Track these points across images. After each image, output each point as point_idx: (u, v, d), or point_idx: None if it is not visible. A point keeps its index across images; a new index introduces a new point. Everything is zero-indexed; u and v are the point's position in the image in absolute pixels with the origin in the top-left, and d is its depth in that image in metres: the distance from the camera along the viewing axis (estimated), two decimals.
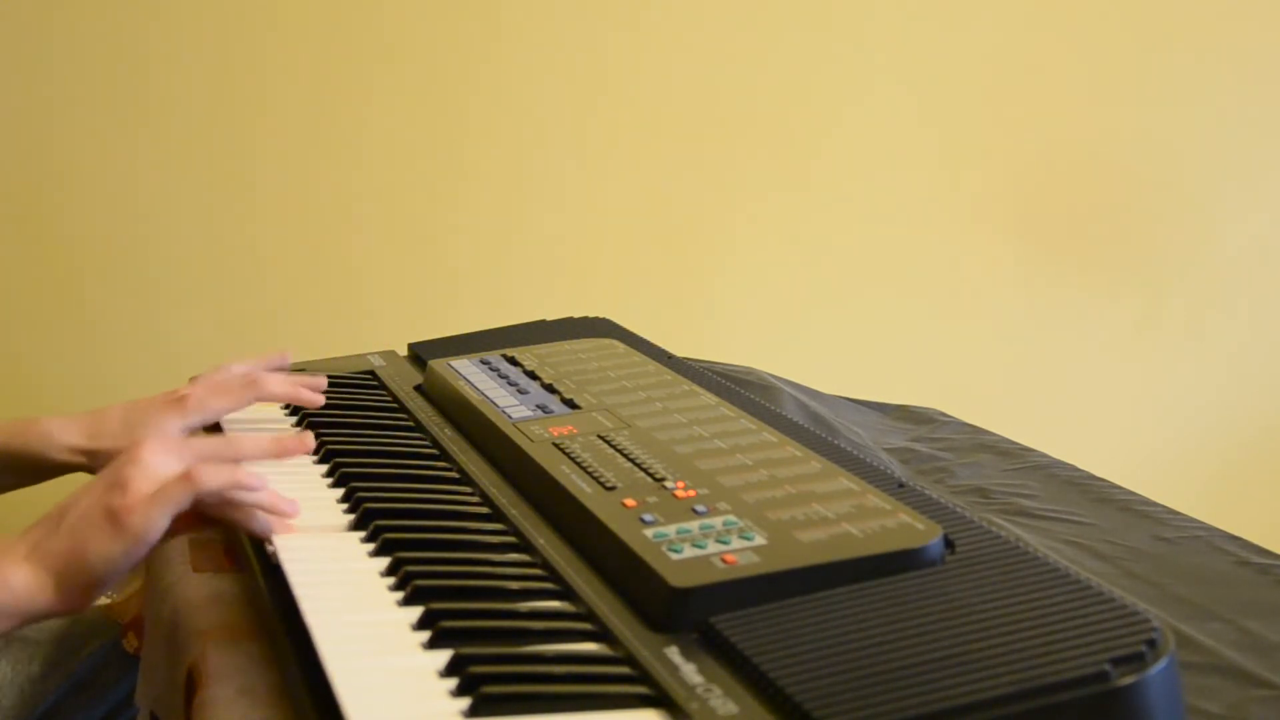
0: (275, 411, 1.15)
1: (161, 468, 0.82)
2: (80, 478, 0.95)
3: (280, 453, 0.91)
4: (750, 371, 1.49)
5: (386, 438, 1.06)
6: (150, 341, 2.02)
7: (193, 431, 1.05)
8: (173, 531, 0.83)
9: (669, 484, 0.87)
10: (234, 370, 1.10)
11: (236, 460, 0.86)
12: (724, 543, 0.78)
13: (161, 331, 2.03)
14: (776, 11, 2.19)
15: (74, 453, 1.03)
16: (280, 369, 1.14)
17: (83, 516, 0.80)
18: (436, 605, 0.74)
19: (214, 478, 0.81)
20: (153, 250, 2.01)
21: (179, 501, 0.80)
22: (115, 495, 0.80)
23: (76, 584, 0.79)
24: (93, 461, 1.03)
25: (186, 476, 0.81)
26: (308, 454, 0.95)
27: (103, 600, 1.14)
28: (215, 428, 1.11)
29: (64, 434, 1.03)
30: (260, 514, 0.85)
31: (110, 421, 1.04)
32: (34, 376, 2.00)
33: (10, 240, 1.96)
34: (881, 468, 0.93)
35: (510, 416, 1.04)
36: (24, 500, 1.08)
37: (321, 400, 1.10)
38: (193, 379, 1.10)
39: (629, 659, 0.70)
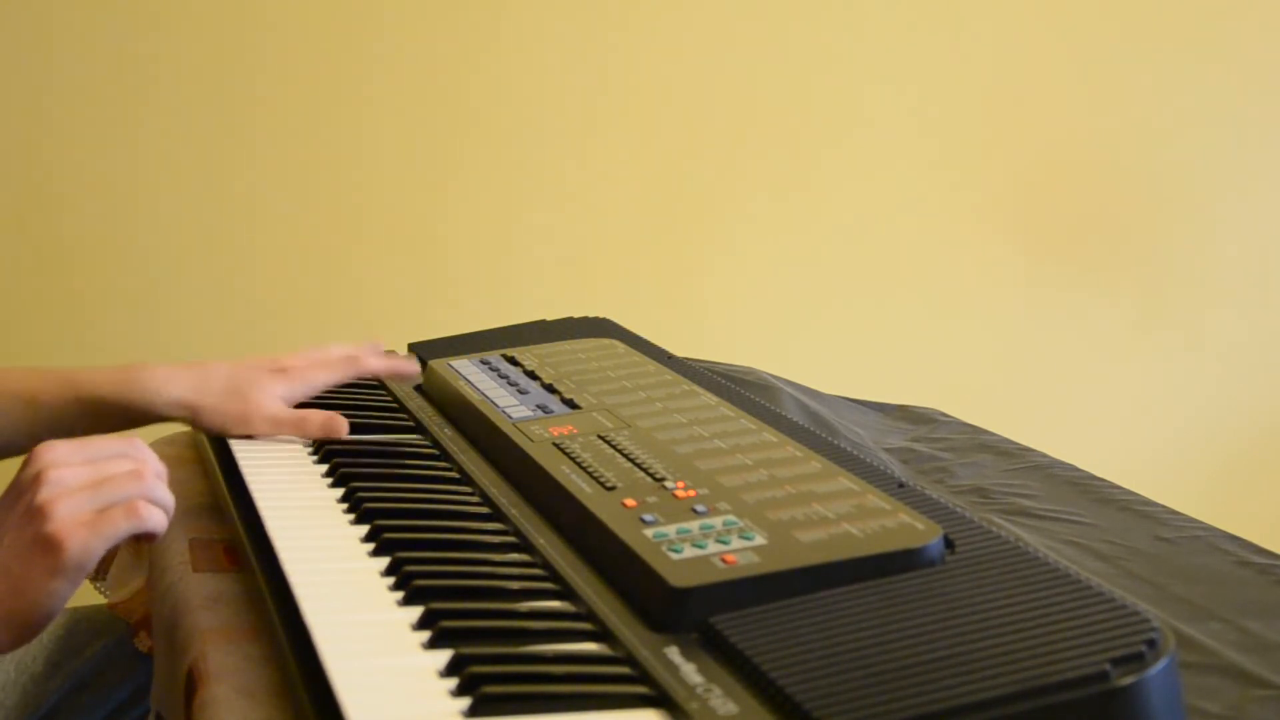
0: None
1: (70, 479, 0.79)
2: None
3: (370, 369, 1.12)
4: (750, 371, 1.49)
5: (386, 438, 1.06)
6: (149, 342, 2.02)
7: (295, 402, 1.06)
8: None
9: (669, 484, 0.87)
10: (333, 350, 1.11)
11: (141, 462, 0.83)
12: (724, 543, 0.78)
13: (160, 332, 2.03)
14: (778, 12, 2.19)
15: (179, 406, 1.03)
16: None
17: (13, 555, 0.77)
18: (436, 605, 0.74)
19: (157, 520, 0.80)
20: (152, 251, 2.01)
21: (119, 535, 0.79)
22: (39, 523, 0.77)
23: (25, 623, 0.78)
24: (195, 416, 1.03)
25: (131, 510, 0.79)
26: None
27: (106, 600, 1.14)
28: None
29: (170, 386, 1.02)
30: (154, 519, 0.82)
31: (215, 379, 1.03)
32: None
33: (9, 240, 1.96)
34: (881, 468, 0.93)
35: (510, 416, 1.04)
36: None
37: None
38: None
39: (629, 659, 0.70)
